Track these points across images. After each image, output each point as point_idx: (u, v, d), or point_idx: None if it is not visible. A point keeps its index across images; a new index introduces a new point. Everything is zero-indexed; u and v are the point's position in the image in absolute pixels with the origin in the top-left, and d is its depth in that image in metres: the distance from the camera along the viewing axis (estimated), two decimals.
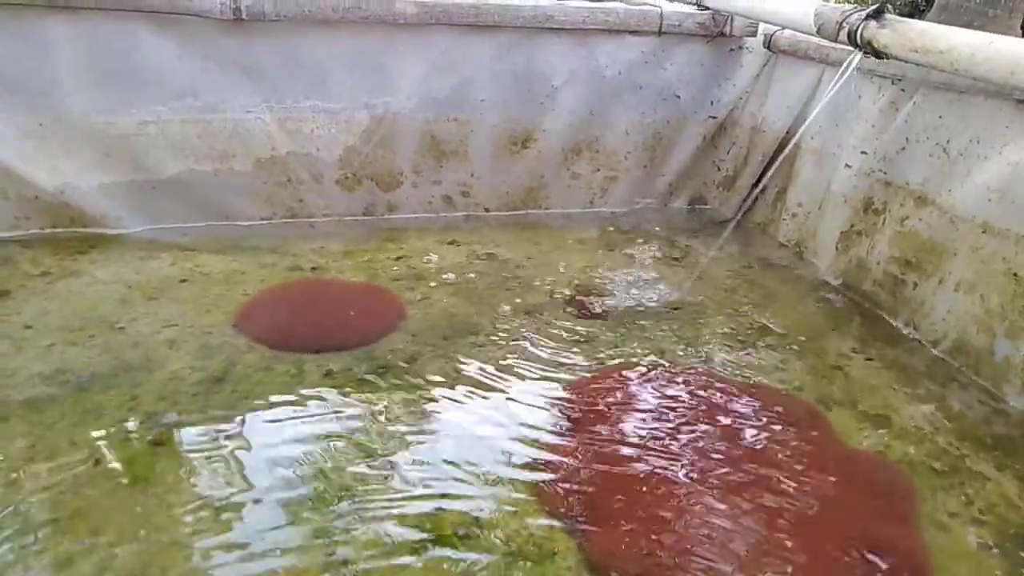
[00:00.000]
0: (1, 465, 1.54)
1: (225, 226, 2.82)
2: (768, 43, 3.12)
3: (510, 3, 2.82)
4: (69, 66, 2.48)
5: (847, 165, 2.68)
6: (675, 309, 2.45)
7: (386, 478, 1.58)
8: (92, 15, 2.43)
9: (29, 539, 1.37)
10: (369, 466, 1.61)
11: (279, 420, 1.75)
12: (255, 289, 2.37)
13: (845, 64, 2.36)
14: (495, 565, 1.38)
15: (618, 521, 1.50)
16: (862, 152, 2.62)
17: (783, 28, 2.93)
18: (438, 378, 1.96)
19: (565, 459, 1.68)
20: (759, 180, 3.14)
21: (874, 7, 2.20)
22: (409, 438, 1.71)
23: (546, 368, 2.04)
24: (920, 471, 1.74)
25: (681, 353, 2.17)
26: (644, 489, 1.60)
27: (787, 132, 3.03)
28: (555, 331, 2.24)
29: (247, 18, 2.53)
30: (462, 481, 1.59)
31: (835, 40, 2.36)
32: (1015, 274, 2.03)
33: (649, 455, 1.70)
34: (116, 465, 1.57)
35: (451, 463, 1.64)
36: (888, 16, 2.19)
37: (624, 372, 2.05)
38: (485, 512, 1.50)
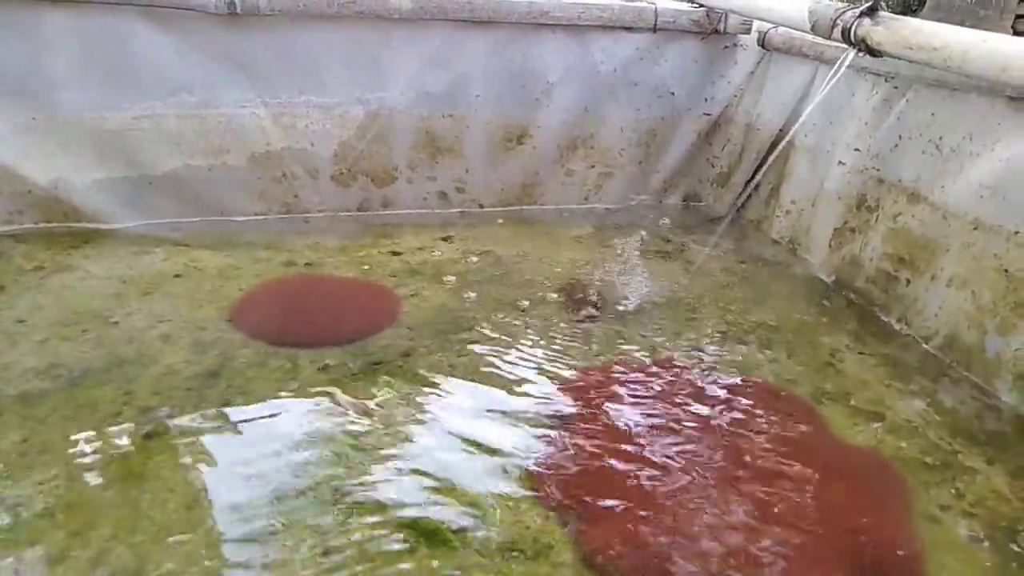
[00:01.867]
0: None
1: (219, 221, 2.82)
2: (762, 40, 3.12)
3: None
4: (63, 61, 2.47)
5: (840, 162, 2.70)
6: (669, 305, 2.45)
7: (381, 473, 1.58)
8: (86, 9, 2.42)
9: (22, 533, 1.37)
10: (364, 461, 1.61)
11: (274, 415, 1.75)
12: (250, 284, 2.36)
13: (839, 62, 2.37)
14: (490, 560, 1.39)
15: (613, 515, 1.51)
16: (855, 149, 2.63)
17: (777, 25, 2.94)
18: (433, 373, 1.96)
19: (560, 454, 1.68)
20: (753, 177, 3.15)
21: (868, 4, 2.20)
22: (404, 433, 1.72)
23: (541, 363, 2.04)
24: (912, 465, 1.75)
25: (675, 348, 2.18)
26: (639, 483, 1.60)
27: (781, 129, 3.04)
28: (549, 327, 2.25)
29: (241, 12, 2.52)
30: (457, 476, 1.59)
31: (829, 37, 2.37)
32: (1006, 270, 2.04)
33: (644, 449, 1.71)
34: (110, 460, 1.56)
35: (446, 458, 1.65)
36: (882, 14, 2.20)
37: (618, 367, 2.06)
38: (480, 507, 1.51)
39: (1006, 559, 1.49)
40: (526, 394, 1.91)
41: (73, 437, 1.62)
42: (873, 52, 2.21)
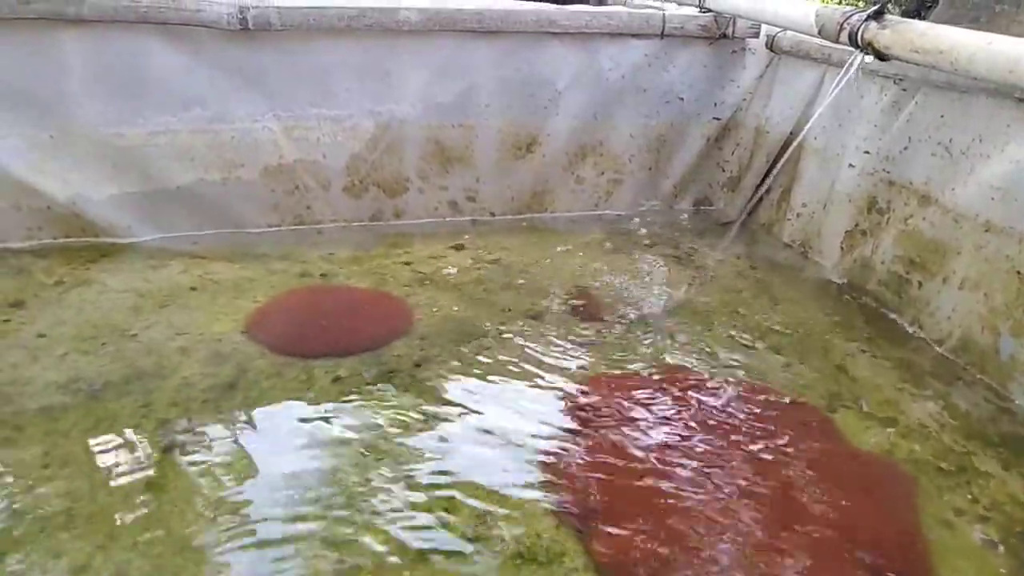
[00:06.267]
0: (17, 472, 1.58)
1: (234, 234, 2.85)
2: (770, 44, 3.12)
3: (512, 8, 2.84)
4: (79, 78, 2.51)
5: (851, 165, 2.69)
6: (681, 311, 2.46)
7: (395, 482, 1.60)
8: (101, 28, 2.47)
9: (45, 545, 1.40)
10: (378, 470, 1.63)
11: (289, 426, 1.78)
12: (265, 296, 2.39)
13: (847, 65, 2.37)
14: (503, 567, 1.40)
15: (625, 523, 1.52)
16: (865, 152, 2.63)
17: (785, 29, 2.94)
18: (446, 382, 1.98)
19: (572, 462, 1.69)
20: (763, 181, 3.15)
21: (875, 8, 2.21)
22: (417, 442, 1.74)
23: (553, 371, 2.06)
24: (926, 470, 1.75)
25: (687, 354, 2.18)
26: (651, 491, 1.61)
27: (791, 132, 3.04)
28: (562, 334, 2.26)
29: (253, 28, 2.56)
30: (470, 484, 1.61)
31: (836, 41, 2.37)
32: (1019, 272, 2.03)
33: (656, 457, 1.72)
34: (130, 472, 1.59)
35: (459, 466, 1.66)
36: (889, 17, 2.20)
37: (630, 375, 2.06)
38: (493, 514, 1.52)
39: (1021, 564, 1.48)
40: (538, 402, 1.92)
41: (94, 450, 1.65)
42: (880, 55, 2.22)
